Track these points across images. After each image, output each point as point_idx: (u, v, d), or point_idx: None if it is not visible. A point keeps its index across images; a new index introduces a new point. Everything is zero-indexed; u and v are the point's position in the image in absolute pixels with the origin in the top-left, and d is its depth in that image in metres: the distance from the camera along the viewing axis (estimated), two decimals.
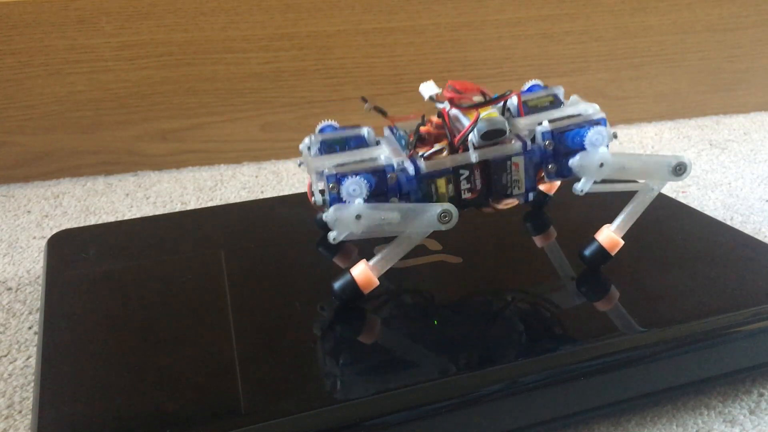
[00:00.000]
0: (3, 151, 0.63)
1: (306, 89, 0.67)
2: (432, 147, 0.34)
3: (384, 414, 0.29)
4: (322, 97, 0.68)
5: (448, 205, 0.33)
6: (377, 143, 0.36)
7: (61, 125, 0.63)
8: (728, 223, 0.50)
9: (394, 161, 0.34)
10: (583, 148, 0.34)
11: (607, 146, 0.35)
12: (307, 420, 0.28)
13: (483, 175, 0.34)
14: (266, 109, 0.67)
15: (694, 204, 0.55)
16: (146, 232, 0.44)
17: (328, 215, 0.32)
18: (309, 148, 0.36)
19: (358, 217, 0.32)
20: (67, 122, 0.63)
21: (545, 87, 0.38)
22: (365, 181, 0.32)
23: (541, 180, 0.36)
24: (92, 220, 0.56)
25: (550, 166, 0.35)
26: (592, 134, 0.34)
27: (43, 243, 0.45)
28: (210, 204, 0.59)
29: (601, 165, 0.34)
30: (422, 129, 0.35)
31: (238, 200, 0.59)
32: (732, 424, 0.33)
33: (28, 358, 0.38)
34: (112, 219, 0.56)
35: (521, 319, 0.35)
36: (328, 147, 0.35)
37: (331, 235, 0.33)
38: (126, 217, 0.56)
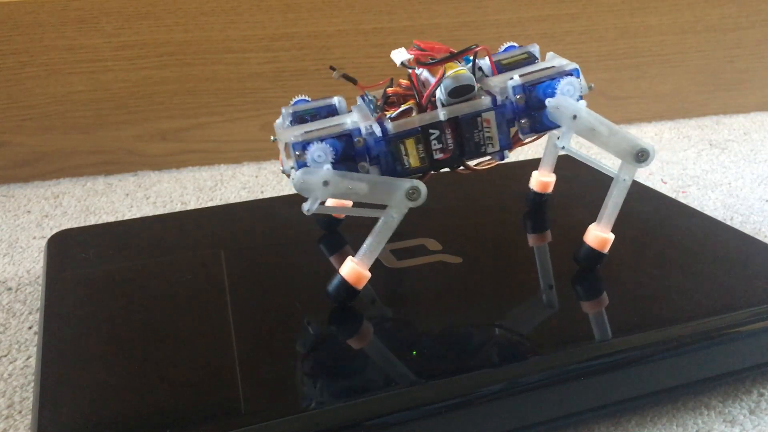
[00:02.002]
0: (3, 151, 0.63)
1: (306, 89, 0.67)
2: (399, 108, 0.34)
3: (384, 414, 0.29)
4: (322, 97, 0.68)
5: (416, 182, 0.33)
6: (349, 112, 0.35)
7: (61, 125, 0.63)
8: (728, 223, 0.50)
9: (362, 125, 0.33)
10: None
11: (581, 98, 0.34)
12: (307, 420, 0.28)
13: (455, 134, 0.34)
14: (266, 109, 0.67)
15: (694, 204, 0.55)
16: (146, 232, 0.44)
17: (295, 178, 0.32)
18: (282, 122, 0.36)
19: (325, 183, 0.32)
20: (67, 122, 0.63)
21: (521, 47, 0.37)
22: (330, 147, 0.32)
23: (516, 137, 0.35)
24: (92, 220, 0.56)
25: (522, 121, 0.34)
26: (563, 84, 0.34)
27: (43, 243, 0.45)
28: (210, 204, 0.59)
29: (575, 117, 0.34)
30: (389, 90, 0.34)
31: (238, 200, 0.59)
32: (732, 424, 0.33)
33: (28, 358, 0.38)
34: (112, 219, 0.56)
35: (521, 319, 0.35)
36: (299, 118, 0.35)
37: (305, 206, 0.32)
38: (126, 217, 0.56)
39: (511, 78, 0.34)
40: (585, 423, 0.33)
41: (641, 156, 0.34)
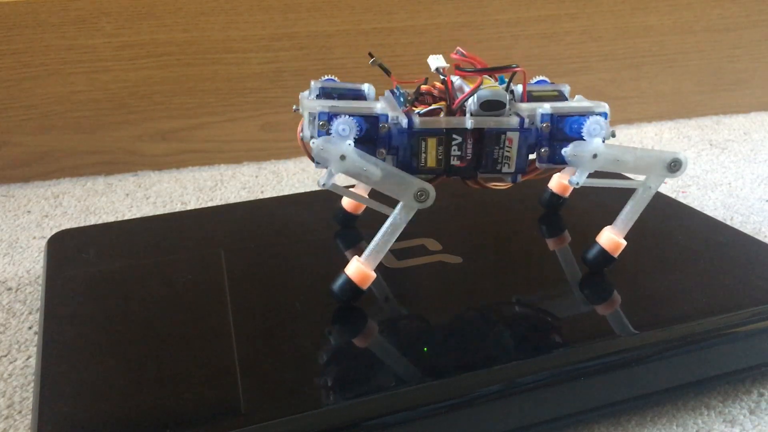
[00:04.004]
0: (3, 151, 0.63)
1: (306, 89, 0.67)
2: (430, 106, 0.34)
3: (383, 414, 0.29)
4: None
5: (426, 185, 0.33)
6: (377, 101, 0.36)
7: (61, 125, 0.63)
8: (728, 223, 0.50)
9: (390, 113, 0.33)
10: (579, 137, 0.34)
11: (603, 140, 0.34)
12: (307, 420, 0.28)
13: (476, 145, 0.34)
14: (266, 109, 0.67)
15: (694, 204, 0.55)
16: (146, 232, 0.44)
17: (315, 144, 0.32)
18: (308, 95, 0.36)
19: (342, 157, 0.32)
20: (67, 122, 0.63)
21: (552, 83, 0.38)
22: (356, 123, 0.32)
23: (533, 166, 0.35)
24: (92, 220, 0.56)
25: (543, 150, 0.35)
26: (590, 123, 0.34)
27: (43, 243, 0.45)
28: (210, 204, 0.59)
29: (595, 156, 0.34)
30: (423, 88, 0.35)
31: (238, 200, 0.59)
32: (732, 424, 0.33)
33: (28, 358, 0.38)
34: (112, 219, 0.56)
35: (521, 320, 0.35)
36: (326, 95, 0.35)
37: (320, 180, 0.32)
38: (126, 217, 0.56)
39: (542, 106, 0.35)
40: (585, 423, 0.33)
41: (674, 166, 0.35)
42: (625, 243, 0.36)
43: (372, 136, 0.33)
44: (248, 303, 0.36)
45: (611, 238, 0.36)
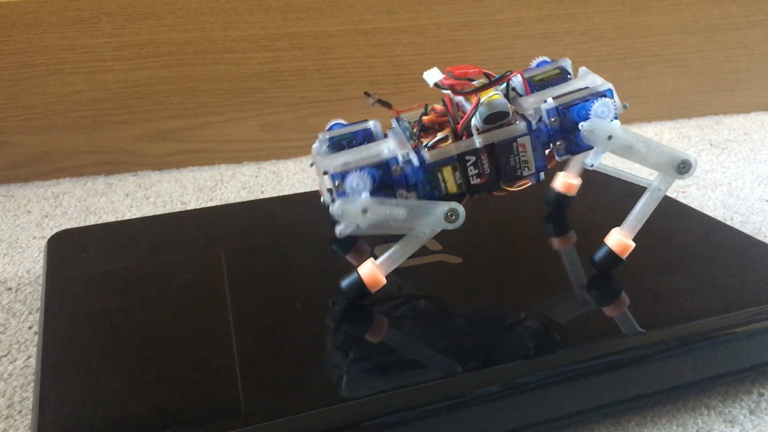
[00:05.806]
0: (3, 151, 0.63)
1: (306, 89, 0.67)
2: (436, 136, 0.34)
3: (384, 414, 0.29)
4: (322, 97, 0.68)
5: (454, 204, 0.33)
6: (385, 136, 0.36)
7: (61, 125, 0.63)
8: (728, 223, 0.50)
9: (399, 153, 0.33)
10: None
11: (616, 117, 0.34)
12: (307, 420, 0.28)
13: (491, 159, 0.34)
14: (266, 109, 0.67)
15: (694, 204, 0.55)
16: (146, 232, 0.44)
17: (335, 208, 0.32)
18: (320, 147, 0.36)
19: (364, 211, 0.32)
20: (67, 122, 0.63)
21: (553, 62, 0.37)
22: (368, 176, 0.32)
23: (552, 158, 0.35)
24: (92, 220, 0.56)
25: (558, 143, 0.34)
26: (597, 107, 0.33)
27: (43, 243, 0.45)
28: (210, 204, 0.59)
29: (610, 137, 0.34)
30: (425, 119, 0.35)
31: (238, 200, 0.59)
32: (732, 424, 0.33)
33: (28, 358, 0.38)
34: (112, 219, 0.56)
35: (521, 320, 0.35)
36: (335, 144, 0.35)
37: (338, 229, 0.33)
38: (126, 217, 0.56)
39: (545, 101, 0.34)
40: (585, 423, 0.33)
41: (683, 167, 0.34)
42: (633, 245, 0.36)
43: (387, 180, 0.33)
44: (248, 303, 0.36)
45: (619, 239, 0.36)
